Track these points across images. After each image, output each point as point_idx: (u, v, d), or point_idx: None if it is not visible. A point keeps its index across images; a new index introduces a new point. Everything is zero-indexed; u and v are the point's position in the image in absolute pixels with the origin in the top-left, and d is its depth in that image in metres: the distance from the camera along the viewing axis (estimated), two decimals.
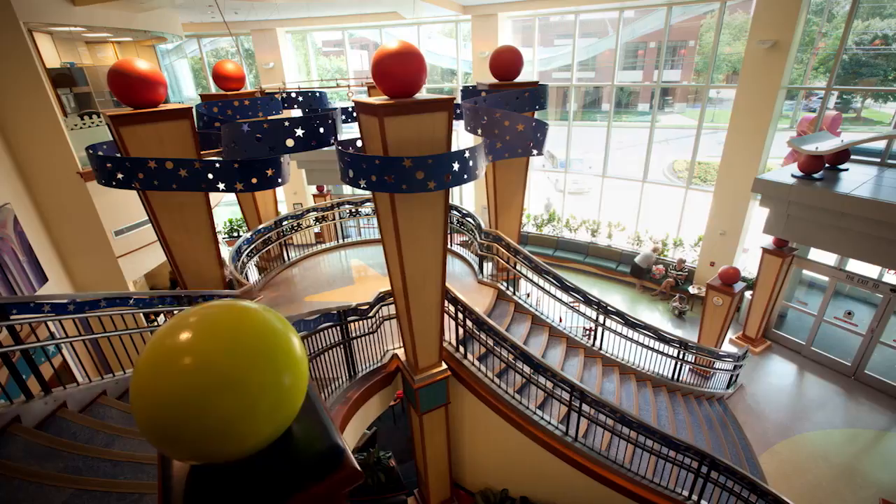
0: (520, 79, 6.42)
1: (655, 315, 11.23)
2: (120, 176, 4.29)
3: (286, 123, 4.10)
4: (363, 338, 5.30)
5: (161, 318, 8.09)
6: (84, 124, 7.63)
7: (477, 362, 5.78)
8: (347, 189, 16.16)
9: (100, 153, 4.57)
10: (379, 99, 3.93)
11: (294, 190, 15.09)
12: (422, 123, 3.95)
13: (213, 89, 16.38)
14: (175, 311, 5.30)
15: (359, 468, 0.68)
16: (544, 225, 14.50)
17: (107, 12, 8.02)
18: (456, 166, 3.94)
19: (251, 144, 4.10)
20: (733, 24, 18.50)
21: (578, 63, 13.03)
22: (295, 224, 8.52)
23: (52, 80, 7.22)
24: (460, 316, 5.57)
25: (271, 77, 14.73)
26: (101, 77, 9.28)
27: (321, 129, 4.31)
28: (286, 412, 0.65)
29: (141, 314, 4.65)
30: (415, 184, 3.80)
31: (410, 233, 4.35)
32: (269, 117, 7.09)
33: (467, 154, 3.97)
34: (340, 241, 9.60)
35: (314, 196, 14.86)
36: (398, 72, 3.84)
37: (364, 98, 4.10)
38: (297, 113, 8.95)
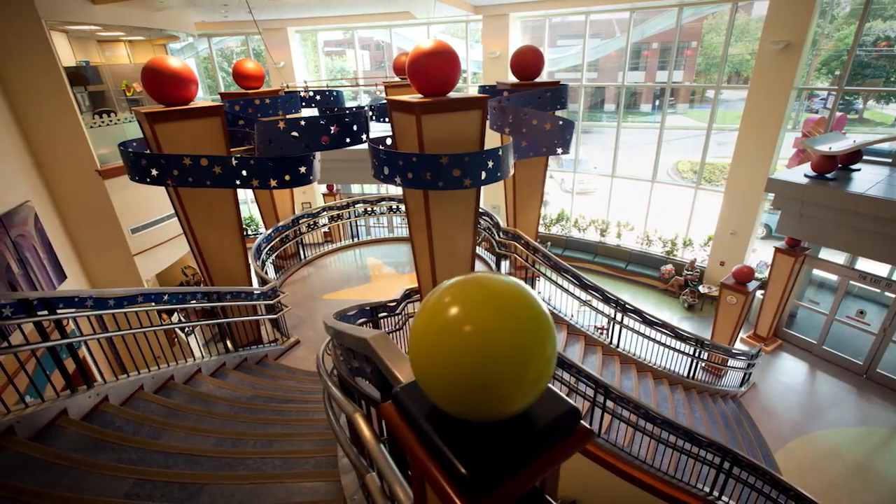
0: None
1: (665, 312, 11.29)
2: (154, 172, 4.32)
3: (322, 121, 4.14)
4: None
5: (175, 317, 8.12)
6: (103, 122, 7.66)
7: None
8: (356, 188, 16.17)
9: (130, 150, 4.61)
10: (414, 97, 3.97)
11: (303, 189, 15.08)
12: (457, 121, 3.99)
13: (223, 87, 16.45)
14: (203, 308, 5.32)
15: (590, 427, 0.75)
16: (553, 224, 14.56)
17: (125, 11, 8.05)
18: (490, 164, 3.98)
19: (287, 142, 4.13)
20: (734, 24, 18.55)
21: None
22: (311, 223, 8.56)
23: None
24: None
25: (281, 76, 14.74)
26: (114, 75, 9.29)
27: (354, 127, 4.35)
28: (545, 380, 0.71)
29: (155, 312, 4.66)
30: (451, 181, 3.83)
31: (442, 230, 4.38)
32: (288, 116, 7.13)
33: (501, 152, 4.02)
34: (353, 240, 9.64)
35: (324, 195, 14.90)
36: (435, 70, 3.87)
37: (394, 96, 4.14)
38: (309, 112, 8.98)
